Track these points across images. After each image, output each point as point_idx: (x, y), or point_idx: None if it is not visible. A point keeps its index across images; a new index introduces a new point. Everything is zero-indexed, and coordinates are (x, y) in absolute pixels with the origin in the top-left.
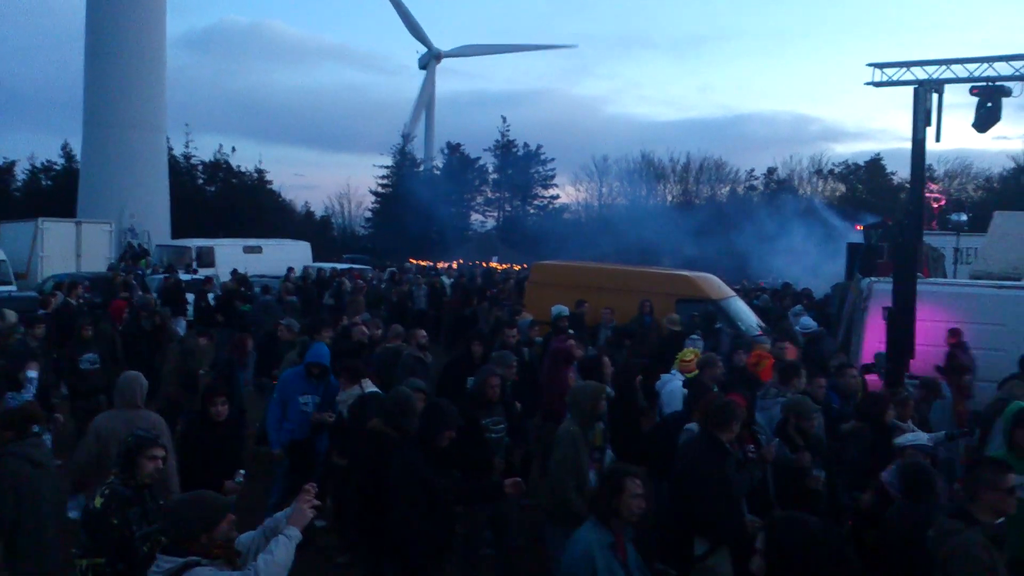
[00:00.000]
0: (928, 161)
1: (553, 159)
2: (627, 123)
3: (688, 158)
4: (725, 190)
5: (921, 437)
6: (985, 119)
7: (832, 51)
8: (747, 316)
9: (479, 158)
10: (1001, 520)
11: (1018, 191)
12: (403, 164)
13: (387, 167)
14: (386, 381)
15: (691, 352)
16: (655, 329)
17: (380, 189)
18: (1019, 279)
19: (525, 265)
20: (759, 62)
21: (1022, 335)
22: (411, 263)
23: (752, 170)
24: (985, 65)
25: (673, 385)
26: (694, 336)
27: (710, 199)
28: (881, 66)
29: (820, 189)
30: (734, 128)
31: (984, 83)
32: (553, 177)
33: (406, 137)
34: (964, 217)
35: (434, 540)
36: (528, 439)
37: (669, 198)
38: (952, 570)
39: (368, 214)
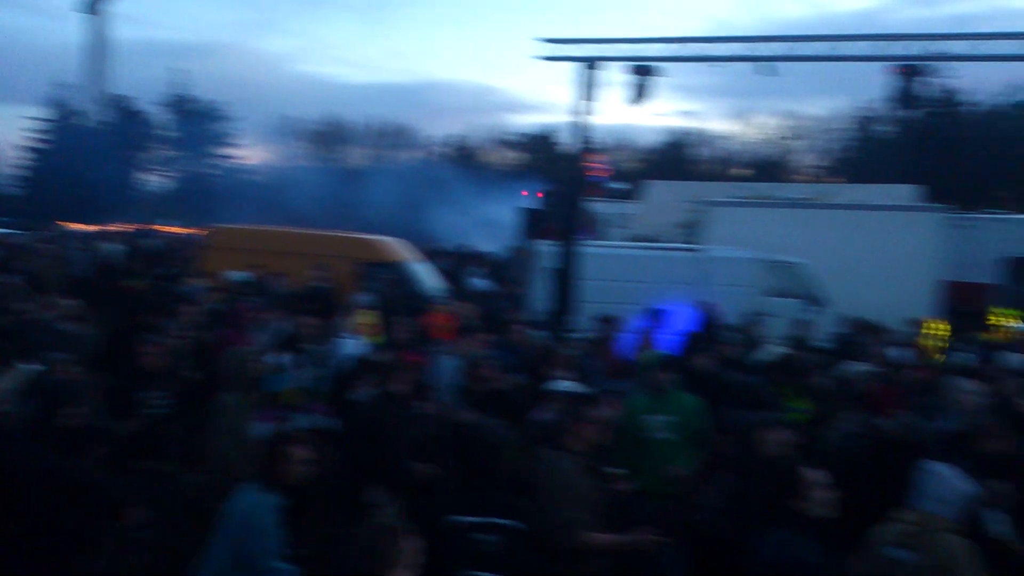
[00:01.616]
0: (594, 134)
1: (235, 117)
2: (316, 83)
3: (375, 122)
4: (411, 155)
5: (573, 386)
6: (639, 95)
7: (513, 24)
8: (429, 278)
9: (149, 112)
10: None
11: (670, 162)
12: (62, 117)
13: (43, 120)
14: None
15: (367, 314)
16: (335, 293)
17: (34, 144)
18: (667, 242)
19: (203, 229)
20: (447, 30)
21: (663, 291)
22: (63, 226)
23: (437, 136)
24: (642, 46)
25: (348, 344)
26: (366, 296)
27: (396, 164)
28: (550, 41)
29: (499, 157)
30: (422, 94)
31: (639, 62)
32: (235, 136)
33: (66, 87)
34: (624, 186)
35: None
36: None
37: (356, 161)
38: (541, 491)
39: (19, 172)
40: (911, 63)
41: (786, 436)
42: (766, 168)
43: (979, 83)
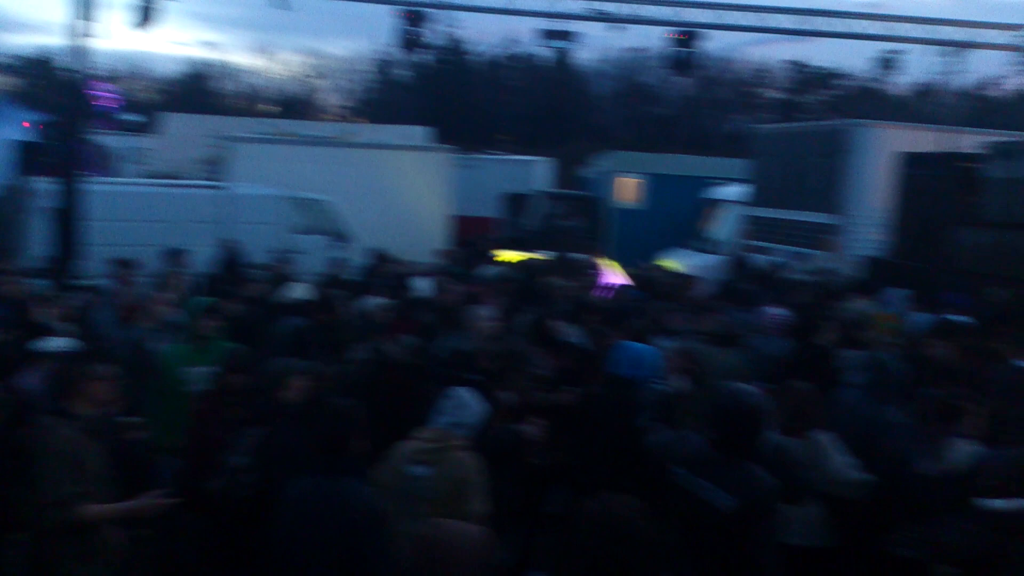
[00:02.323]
0: (98, 59)
1: None
2: None
3: None
4: None
5: (69, 342)
6: (144, 18)
7: None
8: None
9: None
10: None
11: (191, 95)
12: None
13: None
14: None
15: None
16: None
17: None
18: (187, 179)
19: None
20: None
21: (182, 231)
22: None
23: None
24: None
25: None
26: None
27: None
28: None
29: None
30: None
31: None
32: None
33: None
34: (139, 118)
35: None
36: None
37: None
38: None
39: None
40: (415, 8)
41: (309, 381)
42: (293, 106)
43: (482, 34)
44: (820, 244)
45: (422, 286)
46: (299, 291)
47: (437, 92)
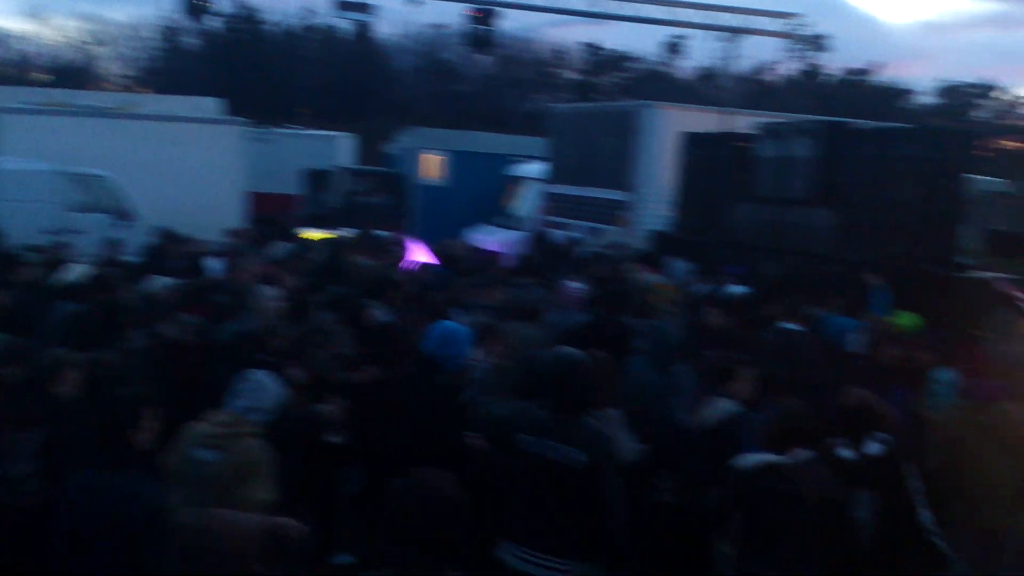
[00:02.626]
0: None
1: None
2: None
3: None
4: None
5: None
6: None
7: None
8: None
9: None
10: None
11: None
12: None
13: None
14: None
15: None
16: None
17: None
18: None
19: None
20: None
21: None
22: None
23: None
24: None
25: None
26: None
27: None
28: None
29: None
30: None
31: None
32: None
33: None
34: None
35: None
36: None
37: None
38: None
39: None
40: None
41: (85, 372)
42: (69, 74)
43: (276, 3)
44: (613, 220)
45: (214, 266)
46: (76, 274)
47: (229, 62)
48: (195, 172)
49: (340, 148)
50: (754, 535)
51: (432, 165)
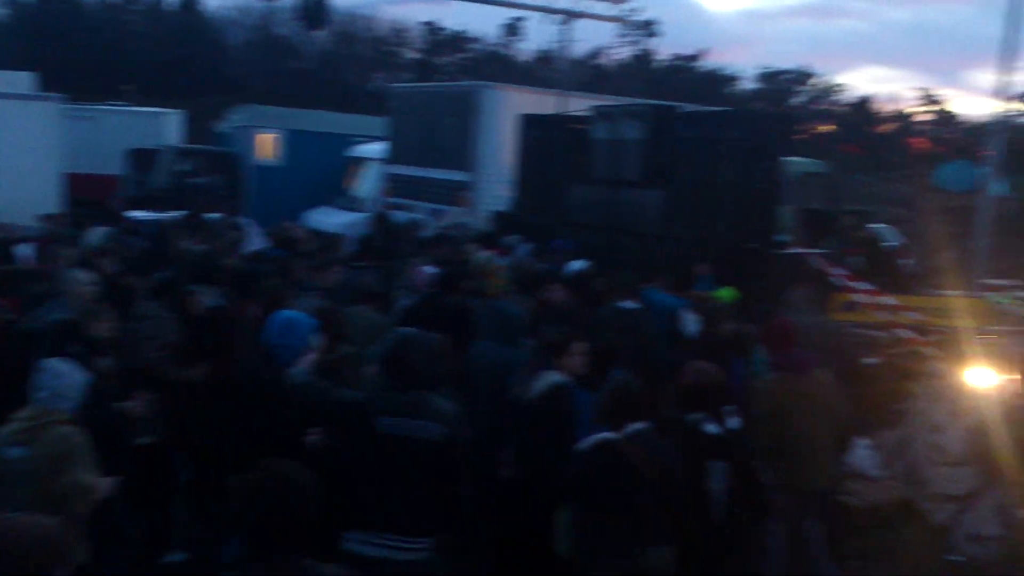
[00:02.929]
0: None
1: None
2: None
3: None
4: None
5: None
6: None
7: None
8: None
9: None
10: None
11: None
12: None
13: None
14: None
15: None
16: None
17: None
18: None
19: None
20: None
21: None
22: None
23: None
24: None
25: None
26: None
27: None
28: None
29: None
30: None
31: None
32: None
33: None
34: None
35: None
36: None
37: None
38: None
39: None
40: None
41: None
42: None
43: None
44: (454, 200)
45: (24, 253)
46: None
47: (42, 34)
48: (5, 152)
49: (168, 126)
50: (595, 511)
51: (267, 144)
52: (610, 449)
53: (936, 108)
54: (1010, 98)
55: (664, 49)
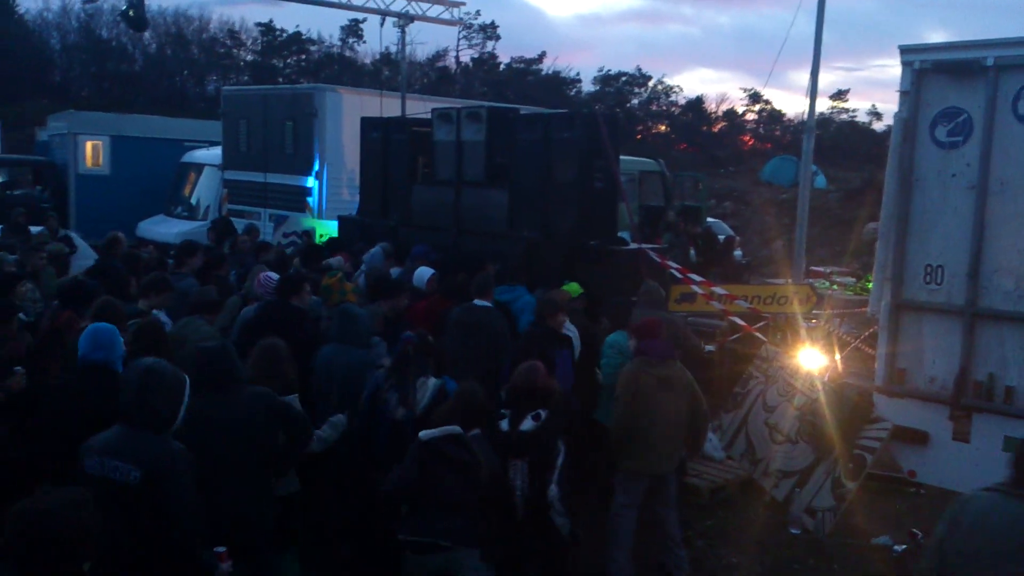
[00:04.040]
0: None
1: None
2: None
3: None
4: None
5: None
6: None
7: None
8: None
9: None
10: None
11: None
12: None
13: None
14: None
15: None
16: None
17: None
18: None
19: None
20: None
21: None
22: None
23: None
24: None
25: None
26: None
27: None
28: None
29: None
30: None
31: None
32: None
33: None
34: None
35: None
36: None
37: None
38: None
39: None
40: None
41: None
42: None
43: None
44: (297, 206)
45: None
46: None
47: None
48: None
49: None
50: (429, 500)
51: (91, 152)
52: (456, 441)
53: (761, 107)
54: (832, 97)
55: (506, 52)
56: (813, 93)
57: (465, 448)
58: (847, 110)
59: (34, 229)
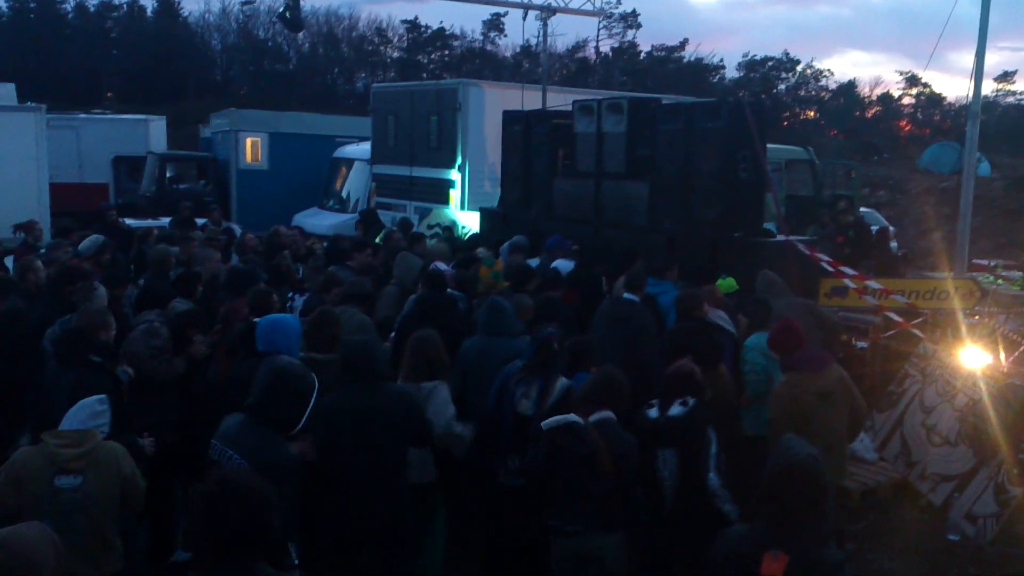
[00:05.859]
0: None
1: None
2: None
3: None
4: None
5: None
6: None
7: None
8: None
9: None
10: None
11: None
12: None
13: None
14: None
15: None
16: None
17: None
18: None
19: None
20: None
21: None
22: None
23: None
24: None
25: None
26: None
27: None
28: None
29: None
30: None
31: None
32: None
33: None
34: None
35: None
36: None
37: None
38: None
39: None
40: None
41: None
42: None
43: None
44: (442, 198)
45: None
46: None
47: (20, 44)
48: None
49: (152, 133)
50: (557, 491)
51: (251, 148)
52: (571, 431)
53: (919, 91)
54: (997, 79)
55: (647, 41)
56: (979, 75)
57: (579, 439)
58: (1014, 92)
59: (199, 221)
